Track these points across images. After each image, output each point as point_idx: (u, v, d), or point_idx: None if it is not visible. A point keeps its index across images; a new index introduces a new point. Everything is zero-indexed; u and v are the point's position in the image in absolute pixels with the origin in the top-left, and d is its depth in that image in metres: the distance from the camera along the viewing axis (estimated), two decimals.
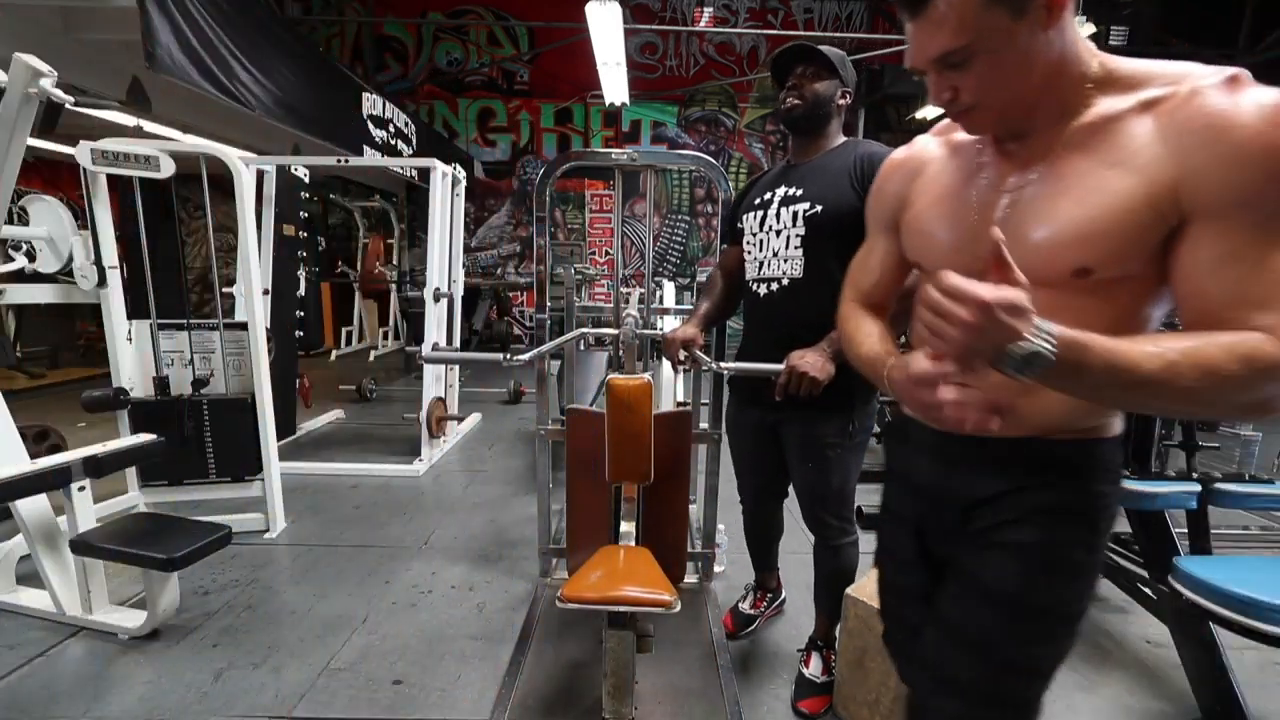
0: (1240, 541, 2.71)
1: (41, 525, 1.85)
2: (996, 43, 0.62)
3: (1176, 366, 0.55)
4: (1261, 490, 1.66)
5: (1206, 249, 0.59)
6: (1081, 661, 1.83)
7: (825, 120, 1.47)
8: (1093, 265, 0.64)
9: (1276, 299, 0.56)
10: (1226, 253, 0.58)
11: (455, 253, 4.04)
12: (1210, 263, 0.59)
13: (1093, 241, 0.63)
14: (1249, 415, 0.66)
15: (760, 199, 1.54)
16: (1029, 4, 0.60)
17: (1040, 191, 0.67)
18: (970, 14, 0.61)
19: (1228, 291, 0.58)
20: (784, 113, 1.47)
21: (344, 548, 2.49)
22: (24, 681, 1.65)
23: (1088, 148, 0.65)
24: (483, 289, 7.44)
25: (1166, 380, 0.55)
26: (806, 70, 1.44)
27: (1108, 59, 0.67)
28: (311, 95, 4.05)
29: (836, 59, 1.43)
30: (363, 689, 1.65)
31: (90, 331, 6.57)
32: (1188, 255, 0.60)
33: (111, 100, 3.34)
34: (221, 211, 3.15)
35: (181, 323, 2.48)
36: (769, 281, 1.50)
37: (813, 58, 1.43)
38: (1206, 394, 0.55)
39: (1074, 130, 0.66)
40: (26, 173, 1.99)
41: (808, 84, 1.43)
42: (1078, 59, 0.66)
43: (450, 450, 3.86)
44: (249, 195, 2.46)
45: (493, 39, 8.17)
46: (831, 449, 1.48)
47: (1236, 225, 0.57)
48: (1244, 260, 0.57)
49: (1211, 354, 0.55)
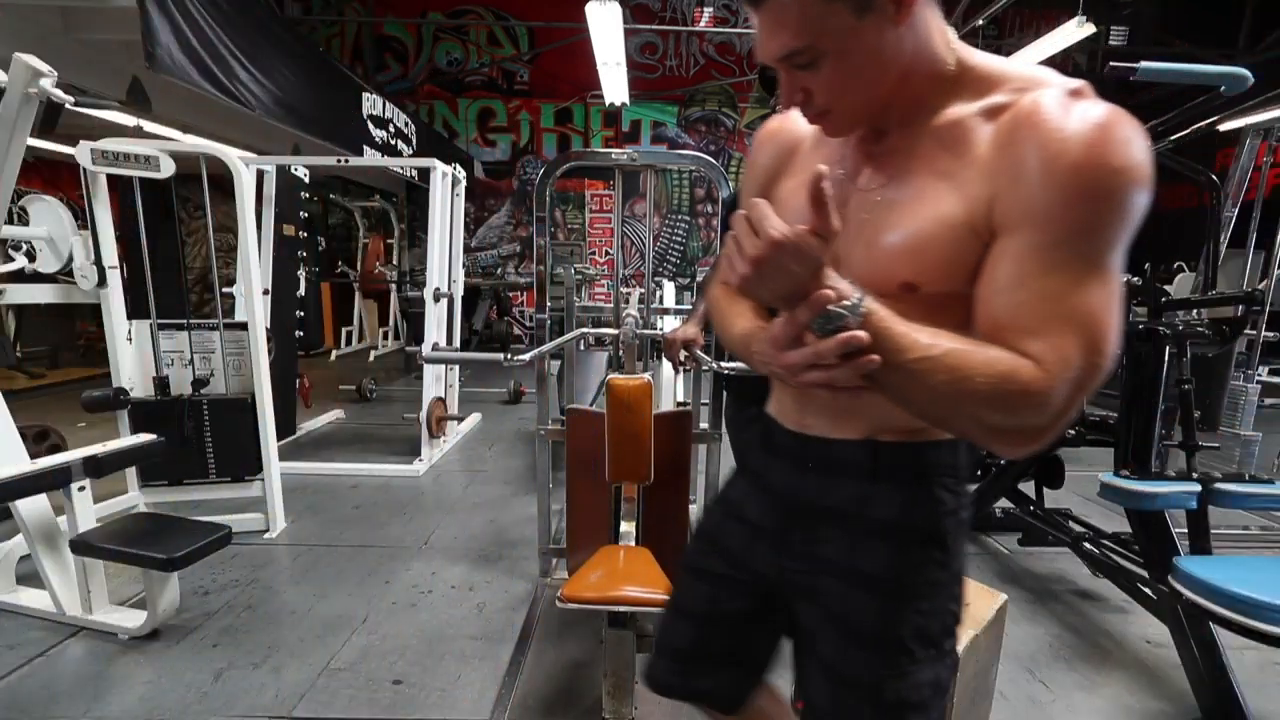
0: (1240, 541, 2.71)
1: (41, 525, 1.85)
2: (842, 43, 0.57)
3: (934, 362, 0.53)
4: (1261, 490, 1.66)
5: (1001, 269, 0.56)
6: (1081, 661, 1.83)
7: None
8: (918, 281, 0.61)
9: (1048, 327, 0.53)
10: (1015, 275, 0.55)
11: (455, 253, 4.04)
12: (1000, 283, 0.56)
13: (917, 257, 0.61)
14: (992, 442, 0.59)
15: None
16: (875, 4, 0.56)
17: (886, 197, 0.64)
18: (811, 12, 0.56)
19: (1009, 315, 0.55)
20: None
21: (344, 548, 2.49)
22: (24, 681, 1.65)
23: (931, 155, 0.61)
24: (483, 289, 7.44)
25: (920, 372, 0.53)
26: None
27: (967, 55, 0.62)
28: (311, 95, 4.05)
29: None
30: (363, 689, 1.65)
31: (90, 331, 6.57)
32: (986, 273, 0.58)
33: (111, 100, 3.33)
34: (221, 211, 3.15)
35: (181, 323, 2.48)
36: None
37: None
38: (948, 401, 0.54)
39: (925, 133, 0.62)
40: (26, 173, 1.99)
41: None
42: (934, 56, 0.61)
43: (450, 450, 3.85)
44: (249, 195, 2.46)
45: (493, 39, 8.17)
46: None
47: (1028, 246, 0.54)
48: (1028, 285, 0.55)
49: (971, 360, 0.53)
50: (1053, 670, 1.79)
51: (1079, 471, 2.39)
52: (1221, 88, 1.71)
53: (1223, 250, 3.37)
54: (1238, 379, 3.62)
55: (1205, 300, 2.00)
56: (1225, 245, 3.44)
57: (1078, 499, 3.03)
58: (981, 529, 2.76)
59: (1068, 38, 4.46)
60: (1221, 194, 2.62)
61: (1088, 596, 2.22)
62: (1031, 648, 1.89)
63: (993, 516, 2.74)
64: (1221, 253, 3.36)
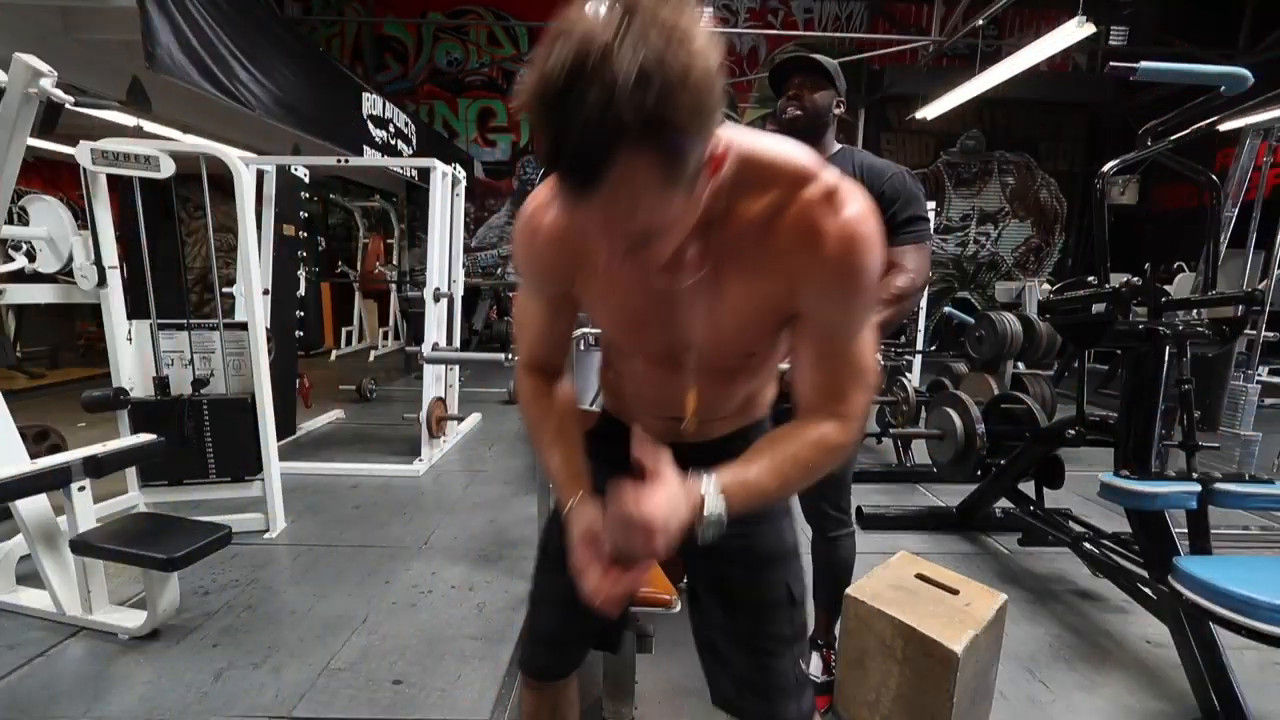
0: (1240, 541, 2.71)
1: (41, 525, 1.85)
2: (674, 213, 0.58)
3: (789, 475, 0.72)
4: (1261, 490, 1.66)
5: (807, 351, 0.73)
6: (1081, 661, 1.83)
7: (823, 129, 1.51)
8: (755, 350, 0.79)
9: (846, 387, 0.72)
10: (818, 354, 0.73)
11: (455, 253, 4.04)
12: (810, 360, 0.74)
13: (753, 338, 0.76)
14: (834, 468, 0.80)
15: None
16: (699, 172, 0.56)
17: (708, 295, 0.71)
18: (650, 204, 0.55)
19: (818, 384, 0.73)
20: (786, 122, 1.51)
21: (344, 548, 2.49)
22: (24, 681, 1.65)
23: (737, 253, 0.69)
24: (483, 289, 7.44)
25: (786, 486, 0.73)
26: (805, 80, 1.48)
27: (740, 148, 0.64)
28: (311, 95, 4.05)
29: (832, 69, 1.48)
30: (363, 689, 1.65)
31: (90, 331, 6.57)
32: (799, 352, 0.75)
33: (111, 100, 3.33)
34: (221, 211, 3.15)
35: (181, 323, 2.48)
36: None
37: (812, 68, 1.47)
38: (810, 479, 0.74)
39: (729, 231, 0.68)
40: (26, 173, 1.99)
41: (807, 94, 1.47)
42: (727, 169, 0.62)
43: (450, 450, 3.85)
44: (249, 195, 2.46)
45: (493, 39, 8.17)
46: None
47: (822, 329, 0.71)
48: (828, 360, 0.72)
49: (805, 455, 0.72)
50: (1053, 670, 1.79)
51: (1079, 471, 2.39)
52: (1221, 88, 1.71)
53: (1223, 250, 3.37)
54: (1238, 379, 3.62)
55: (1205, 300, 2.00)
56: (1225, 245, 3.44)
57: (1078, 499, 3.03)
58: (981, 529, 2.76)
59: (1068, 38, 4.46)
60: (1221, 194, 2.62)
61: (1088, 596, 2.22)
62: (1031, 648, 1.90)
63: (993, 516, 2.75)
64: (1221, 253, 3.35)
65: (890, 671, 1.43)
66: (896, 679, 1.42)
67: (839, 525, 1.61)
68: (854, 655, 1.52)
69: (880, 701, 1.47)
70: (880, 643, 1.45)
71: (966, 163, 8.39)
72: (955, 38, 5.97)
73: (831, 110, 1.50)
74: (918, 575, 1.58)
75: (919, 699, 1.38)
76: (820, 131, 1.51)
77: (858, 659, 1.51)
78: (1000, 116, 8.27)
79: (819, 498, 1.59)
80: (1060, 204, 8.56)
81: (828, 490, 1.58)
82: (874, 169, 1.46)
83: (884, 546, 2.43)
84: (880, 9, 8.03)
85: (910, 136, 8.15)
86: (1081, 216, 8.49)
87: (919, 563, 1.65)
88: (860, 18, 8.10)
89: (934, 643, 1.34)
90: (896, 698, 1.43)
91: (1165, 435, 1.87)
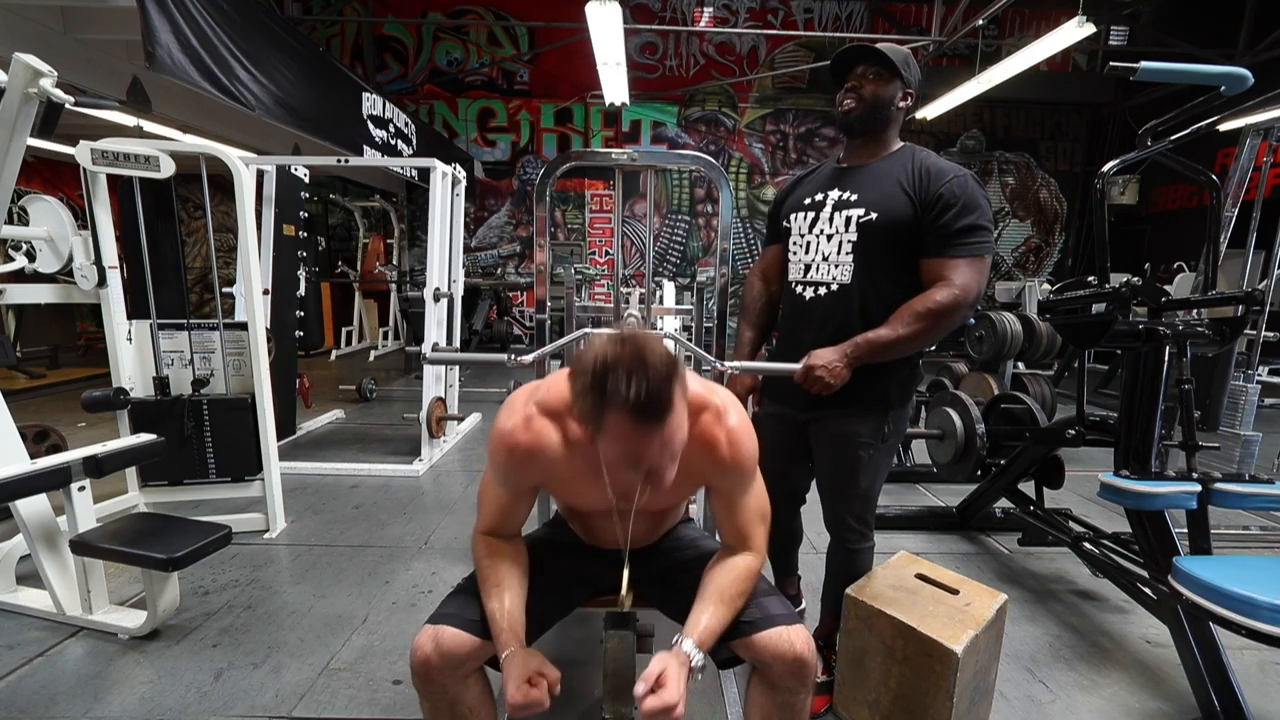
0: (1240, 541, 2.71)
1: (41, 525, 1.85)
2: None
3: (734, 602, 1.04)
4: (1261, 490, 1.65)
5: (721, 509, 1.12)
6: (1081, 661, 1.83)
7: (884, 124, 1.41)
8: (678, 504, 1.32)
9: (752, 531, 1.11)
10: (729, 512, 1.11)
11: (455, 253, 4.04)
12: (723, 515, 1.13)
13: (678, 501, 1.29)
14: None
15: (811, 199, 1.49)
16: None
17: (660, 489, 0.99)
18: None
19: (734, 531, 1.12)
20: (840, 114, 1.42)
21: (344, 548, 2.49)
22: (24, 681, 1.65)
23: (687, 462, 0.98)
24: (483, 289, 7.44)
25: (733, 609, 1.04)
26: (867, 71, 1.38)
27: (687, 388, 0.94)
28: (311, 95, 4.04)
29: (900, 59, 1.36)
30: (363, 689, 1.65)
31: (90, 331, 6.57)
32: (715, 509, 1.14)
33: (111, 100, 3.33)
34: (221, 211, 3.15)
35: (181, 323, 2.48)
36: (816, 285, 1.46)
37: (874, 58, 1.37)
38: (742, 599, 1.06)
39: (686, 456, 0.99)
40: (26, 173, 1.99)
41: (867, 85, 1.37)
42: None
43: (450, 450, 3.86)
44: (249, 195, 2.45)
45: (493, 39, 8.17)
46: (864, 449, 1.45)
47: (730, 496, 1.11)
48: (738, 513, 1.11)
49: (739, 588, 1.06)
50: (1053, 670, 1.79)
51: (1079, 471, 2.39)
52: (1221, 88, 1.70)
53: (1223, 250, 3.37)
54: (1238, 379, 3.62)
55: (1205, 300, 1.99)
56: (1225, 245, 3.44)
57: (1078, 499, 3.03)
58: (981, 529, 2.76)
59: (1068, 38, 4.46)
60: (1221, 194, 2.62)
61: (1088, 596, 2.22)
62: (1031, 648, 1.90)
63: (993, 516, 2.75)
64: (1221, 253, 3.36)
65: (890, 671, 1.43)
66: (896, 679, 1.42)
67: (860, 538, 1.56)
68: (854, 655, 1.52)
69: (881, 701, 1.47)
70: (880, 643, 1.45)
71: (966, 163, 8.39)
72: (955, 38, 5.97)
73: (895, 104, 1.38)
74: (918, 575, 1.58)
75: (919, 699, 1.38)
76: (881, 126, 1.40)
77: (858, 659, 1.51)
78: (1000, 116, 8.28)
79: (842, 508, 1.54)
80: (1060, 204, 8.56)
81: (852, 502, 1.52)
82: (934, 170, 1.35)
83: (884, 546, 2.40)
84: (880, 9, 8.03)
85: (910, 136, 8.13)
86: (1081, 216, 8.49)
87: (919, 563, 1.65)
88: (860, 17, 8.10)
89: (934, 643, 1.34)
90: (896, 698, 1.43)
91: (1165, 435, 1.87)
